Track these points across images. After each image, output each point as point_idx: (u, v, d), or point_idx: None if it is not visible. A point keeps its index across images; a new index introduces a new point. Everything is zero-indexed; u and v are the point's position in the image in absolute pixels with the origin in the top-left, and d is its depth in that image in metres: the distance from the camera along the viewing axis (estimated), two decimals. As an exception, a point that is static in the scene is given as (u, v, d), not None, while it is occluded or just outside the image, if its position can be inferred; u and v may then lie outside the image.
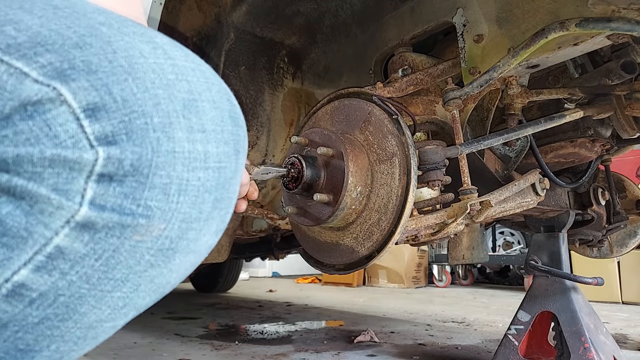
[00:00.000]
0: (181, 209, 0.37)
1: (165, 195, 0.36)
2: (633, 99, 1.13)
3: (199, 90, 0.39)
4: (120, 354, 1.69)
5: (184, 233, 0.38)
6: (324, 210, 0.85)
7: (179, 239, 0.38)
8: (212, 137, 0.39)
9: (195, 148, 0.37)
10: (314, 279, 5.35)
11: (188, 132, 0.37)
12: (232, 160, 0.41)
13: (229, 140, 0.41)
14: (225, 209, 0.42)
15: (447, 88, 0.96)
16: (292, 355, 1.64)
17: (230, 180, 0.41)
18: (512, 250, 4.18)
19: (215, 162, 0.39)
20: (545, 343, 1.30)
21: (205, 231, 0.40)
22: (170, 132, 0.36)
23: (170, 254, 0.38)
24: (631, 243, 1.67)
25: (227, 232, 1.64)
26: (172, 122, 0.36)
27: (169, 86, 0.37)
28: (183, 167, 0.36)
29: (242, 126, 0.44)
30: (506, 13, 0.92)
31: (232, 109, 0.42)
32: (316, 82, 1.53)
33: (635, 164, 3.29)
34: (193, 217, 0.38)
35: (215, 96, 0.40)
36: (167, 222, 0.36)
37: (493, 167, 1.17)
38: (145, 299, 0.40)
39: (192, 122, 0.37)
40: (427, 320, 2.44)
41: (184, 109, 0.37)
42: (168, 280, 0.40)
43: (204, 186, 0.38)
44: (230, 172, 0.41)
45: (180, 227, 0.38)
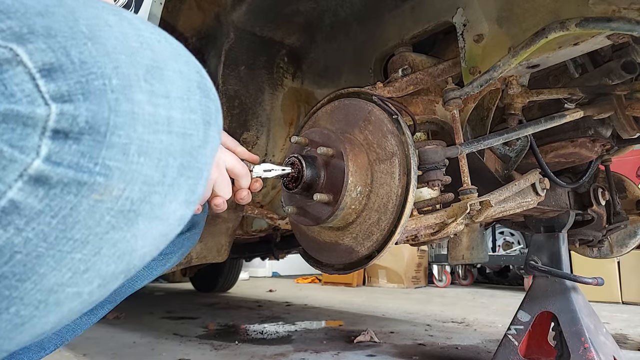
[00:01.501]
0: (142, 170, 0.37)
1: (125, 155, 0.36)
2: (633, 98, 1.12)
3: (164, 59, 0.40)
4: (119, 353, 1.69)
5: (147, 196, 0.38)
6: (323, 210, 0.85)
7: (140, 202, 0.38)
8: (177, 103, 0.39)
9: (157, 112, 0.38)
10: (313, 279, 5.35)
11: (149, 95, 0.37)
12: (200, 130, 0.42)
13: (197, 109, 0.41)
14: (194, 178, 0.42)
15: (447, 88, 0.96)
16: (291, 355, 1.63)
17: (199, 149, 0.42)
18: (512, 250, 4.18)
19: (180, 128, 0.40)
20: (545, 343, 1.30)
21: (172, 198, 0.40)
22: (130, 94, 0.36)
23: (133, 217, 0.38)
24: (631, 243, 1.67)
25: (227, 232, 1.63)
26: (132, 84, 0.36)
27: (132, 53, 0.37)
28: (144, 129, 0.37)
29: (213, 99, 0.44)
30: (506, 12, 0.92)
31: (201, 81, 0.43)
32: (316, 82, 1.53)
33: (635, 164, 3.29)
34: (156, 180, 0.38)
35: (182, 67, 0.41)
36: (127, 183, 0.37)
37: (493, 167, 1.17)
38: (109, 265, 0.39)
39: (155, 87, 0.38)
40: (426, 320, 2.43)
41: (147, 73, 0.38)
42: (133, 247, 0.40)
43: (167, 150, 0.39)
44: (197, 141, 0.41)
45: (142, 189, 0.38)
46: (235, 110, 1.42)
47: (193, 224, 0.85)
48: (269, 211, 1.73)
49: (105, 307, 0.85)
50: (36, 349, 0.77)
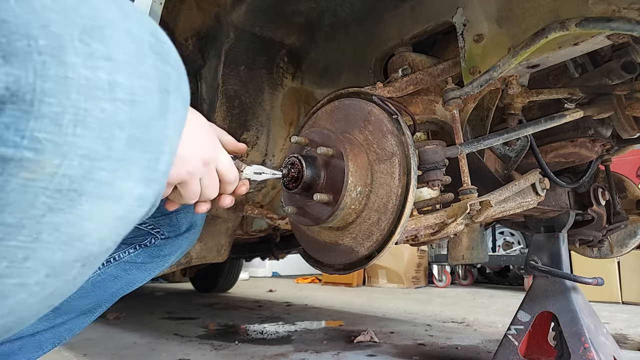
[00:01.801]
0: (80, 143, 0.33)
1: (57, 126, 0.32)
2: (633, 98, 1.12)
3: (108, 18, 0.35)
4: (119, 353, 1.68)
5: (89, 172, 0.34)
6: (323, 210, 0.85)
7: (82, 179, 0.34)
8: (123, 67, 0.35)
9: (96, 76, 0.33)
10: (313, 279, 5.35)
11: (86, 58, 0.33)
12: (154, 97, 0.37)
13: (150, 75, 0.37)
14: (151, 152, 0.38)
15: (447, 88, 0.96)
16: (291, 356, 1.63)
17: (154, 120, 0.37)
18: (512, 250, 4.18)
19: (127, 95, 0.35)
20: (545, 343, 1.30)
21: (123, 174, 0.36)
22: (61, 56, 0.32)
23: (74, 197, 0.34)
24: (631, 243, 1.67)
25: (227, 232, 1.63)
26: (64, 45, 0.32)
27: (67, 10, 0.33)
28: (79, 95, 0.32)
29: (174, 65, 0.40)
30: (506, 12, 0.92)
31: (156, 44, 0.38)
32: (316, 82, 1.53)
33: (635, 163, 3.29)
34: (99, 154, 0.34)
35: (131, 27, 0.37)
36: (63, 158, 0.32)
37: (493, 167, 1.17)
38: (55, 252, 0.35)
39: (93, 49, 0.33)
40: (426, 321, 2.43)
41: (83, 33, 0.33)
42: (82, 232, 0.35)
43: (111, 119, 0.34)
44: (151, 110, 0.37)
45: (82, 164, 0.33)
46: (235, 110, 1.42)
47: (191, 223, 0.85)
48: (269, 211, 1.73)
49: (103, 306, 0.84)
50: (34, 348, 0.77)
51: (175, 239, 0.83)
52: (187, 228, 0.84)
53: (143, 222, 0.80)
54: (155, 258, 0.83)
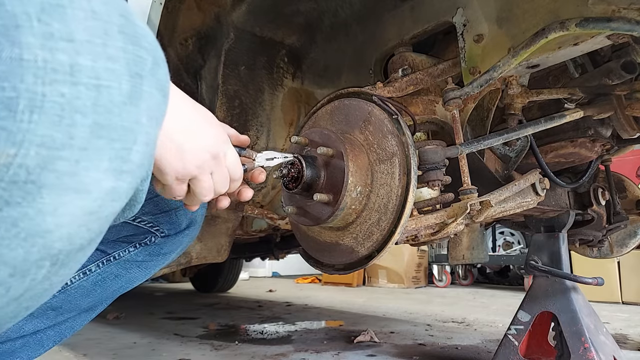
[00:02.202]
0: (37, 131, 0.30)
1: (11, 112, 0.29)
2: (633, 98, 1.12)
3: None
4: (119, 353, 1.69)
5: (48, 162, 0.31)
6: (323, 210, 0.85)
7: (40, 170, 0.31)
8: (86, 48, 0.32)
9: (54, 58, 0.31)
10: (313, 279, 5.35)
11: (44, 38, 0.30)
12: (123, 82, 0.34)
13: (118, 57, 0.34)
14: (121, 141, 0.35)
15: (447, 88, 0.96)
16: (291, 356, 1.63)
17: (123, 106, 0.34)
18: (512, 250, 4.18)
19: (91, 78, 0.32)
20: (545, 343, 1.30)
21: (88, 165, 0.33)
22: (16, 36, 0.29)
23: (33, 189, 0.31)
24: (631, 243, 1.67)
25: (227, 232, 1.63)
26: (19, 24, 0.30)
27: None
28: (36, 79, 0.30)
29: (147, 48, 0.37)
30: (506, 13, 0.92)
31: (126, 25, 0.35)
32: (316, 82, 1.53)
33: (635, 164, 3.29)
34: (59, 143, 0.31)
35: (97, 6, 0.34)
36: (18, 147, 0.30)
37: (493, 167, 1.17)
38: (14, 249, 0.32)
39: (52, 29, 0.31)
40: (427, 321, 2.43)
41: (41, 12, 0.31)
42: (43, 227, 0.33)
43: (72, 105, 0.32)
44: (119, 95, 0.34)
45: (40, 153, 0.31)
46: (235, 110, 1.42)
47: (191, 220, 0.85)
48: (269, 211, 1.73)
49: (103, 304, 0.84)
50: (35, 346, 0.78)
51: (175, 236, 0.83)
52: (187, 225, 0.84)
53: (142, 220, 0.80)
54: (156, 256, 0.83)
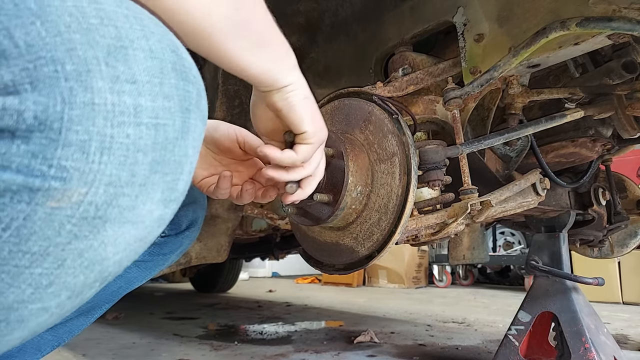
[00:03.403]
0: (106, 171, 0.32)
1: (84, 154, 0.31)
2: (634, 98, 1.12)
3: (131, 37, 0.34)
4: (119, 354, 1.68)
5: (114, 199, 0.34)
6: (323, 210, 0.85)
7: (107, 206, 0.33)
8: (147, 89, 0.34)
9: (121, 100, 0.33)
10: (313, 279, 5.35)
11: (112, 82, 0.32)
12: (177, 118, 0.36)
13: (172, 94, 0.36)
14: (172, 174, 0.37)
15: (447, 87, 0.96)
16: (291, 356, 1.63)
17: (175, 142, 0.37)
18: (512, 250, 4.18)
19: (151, 118, 0.34)
20: (545, 343, 1.30)
21: (145, 198, 0.36)
22: (88, 81, 0.31)
23: (99, 224, 0.34)
24: (632, 243, 1.67)
25: (226, 232, 1.63)
26: (90, 69, 0.31)
27: (90, 31, 0.32)
28: (105, 122, 0.32)
29: (193, 82, 0.38)
30: (507, 12, 0.92)
31: (177, 61, 0.37)
32: (316, 82, 1.53)
33: (635, 163, 3.28)
34: (123, 181, 0.34)
35: (153, 45, 0.35)
36: (89, 186, 0.32)
37: (494, 167, 1.17)
38: (77, 276, 0.35)
39: (118, 71, 0.33)
40: (427, 321, 2.43)
41: (108, 56, 0.32)
42: (103, 256, 0.36)
43: (136, 145, 0.34)
44: (173, 132, 0.36)
45: (107, 191, 0.33)
46: (235, 110, 1.42)
47: (192, 221, 0.84)
48: (269, 211, 1.72)
49: (103, 307, 0.83)
50: (32, 350, 0.76)
51: (176, 237, 0.82)
52: (187, 226, 0.83)
53: None
54: (156, 256, 0.82)
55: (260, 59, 0.51)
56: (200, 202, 0.85)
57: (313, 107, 0.58)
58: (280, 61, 0.55)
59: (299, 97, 0.56)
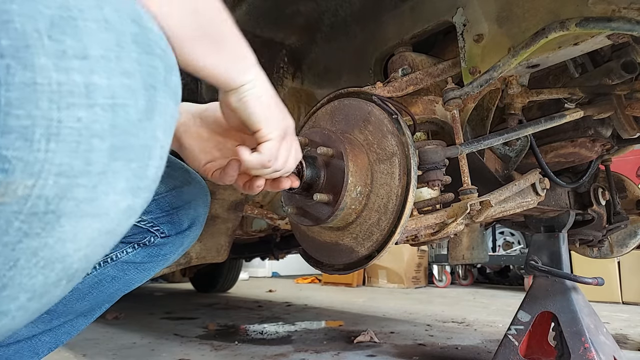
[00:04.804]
0: (55, 160, 0.29)
1: (27, 142, 0.28)
2: (633, 98, 1.12)
3: (80, 6, 0.30)
4: (119, 354, 1.68)
5: (67, 191, 0.30)
6: (323, 210, 0.85)
7: (59, 199, 0.30)
8: (101, 65, 0.30)
9: (69, 79, 0.29)
10: (313, 279, 5.35)
11: (57, 58, 0.28)
12: (140, 97, 0.32)
13: (133, 71, 0.32)
14: (137, 160, 0.34)
15: (447, 88, 0.96)
16: (291, 356, 1.63)
17: (139, 124, 0.33)
18: (512, 250, 4.18)
19: (107, 98, 0.30)
20: (545, 343, 1.30)
21: (106, 188, 0.32)
22: (28, 58, 0.27)
23: (52, 219, 0.30)
24: (631, 243, 1.67)
25: (226, 232, 1.63)
26: (29, 44, 0.27)
27: (31, 1, 0.28)
28: (51, 104, 0.28)
29: (160, 56, 0.34)
30: (506, 12, 0.92)
31: (140, 33, 0.33)
32: (316, 82, 1.53)
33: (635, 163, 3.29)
34: (77, 170, 0.30)
35: (108, 14, 0.31)
36: (36, 178, 0.29)
37: (493, 167, 1.17)
38: (35, 277, 0.32)
39: (65, 46, 0.29)
40: (427, 321, 2.43)
41: (52, 28, 0.28)
42: (63, 253, 0.32)
43: (90, 129, 0.30)
44: (136, 113, 0.32)
45: (58, 183, 0.29)
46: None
47: (193, 221, 0.82)
48: (269, 211, 1.73)
49: (102, 307, 0.82)
50: (29, 353, 0.74)
51: (176, 237, 0.80)
52: (188, 225, 0.81)
53: (141, 220, 0.76)
54: (155, 257, 0.79)
55: (214, 61, 0.50)
56: (202, 199, 0.83)
57: (268, 104, 0.58)
58: (234, 62, 0.54)
59: (253, 96, 0.56)
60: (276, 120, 0.59)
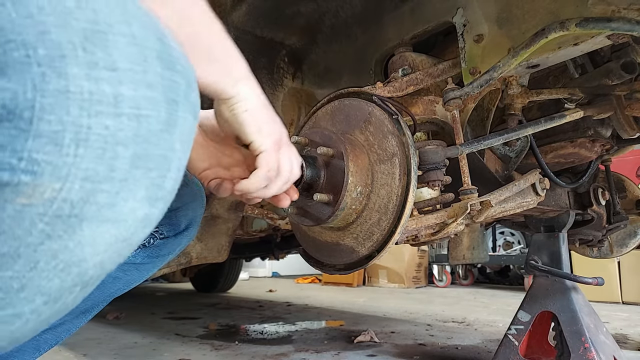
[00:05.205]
0: (82, 165, 0.30)
1: (57, 147, 0.29)
2: (633, 99, 1.13)
3: (111, 21, 0.31)
4: (120, 353, 1.69)
5: (90, 195, 0.31)
6: (324, 210, 0.85)
7: (83, 203, 0.31)
8: (128, 77, 0.32)
9: (99, 88, 0.30)
10: (313, 279, 5.35)
11: (89, 68, 0.30)
12: (161, 109, 0.34)
13: (156, 84, 0.33)
14: (157, 170, 0.35)
15: (447, 88, 0.96)
16: (292, 355, 1.64)
17: (160, 134, 0.34)
18: (512, 250, 4.18)
19: (132, 108, 0.32)
20: (545, 343, 1.30)
21: (126, 195, 0.33)
22: (62, 67, 0.29)
23: (75, 223, 0.31)
24: (631, 243, 1.67)
25: (227, 232, 1.64)
26: (65, 55, 0.29)
27: (65, 13, 0.29)
28: (81, 111, 0.29)
29: (181, 72, 0.36)
30: (506, 13, 0.92)
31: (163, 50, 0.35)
32: (316, 82, 1.53)
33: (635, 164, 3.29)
34: (101, 176, 0.31)
35: (137, 31, 0.33)
36: (63, 181, 0.29)
37: (493, 167, 1.17)
38: (52, 280, 0.33)
39: (96, 57, 0.30)
40: (427, 320, 2.44)
41: (85, 40, 0.30)
42: (81, 257, 0.33)
43: (115, 137, 0.31)
44: (157, 123, 0.34)
45: (84, 187, 0.30)
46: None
47: (190, 221, 0.84)
48: (269, 211, 1.73)
49: (101, 305, 0.83)
50: (31, 350, 0.76)
51: (174, 238, 0.82)
52: (186, 226, 0.83)
53: None
54: (154, 258, 0.82)
55: (204, 72, 0.51)
56: (199, 200, 0.84)
57: (260, 115, 0.58)
58: (224, 74, 0.54)
59: (241, 109, 0.56)
60: (268, 130, 0.60)
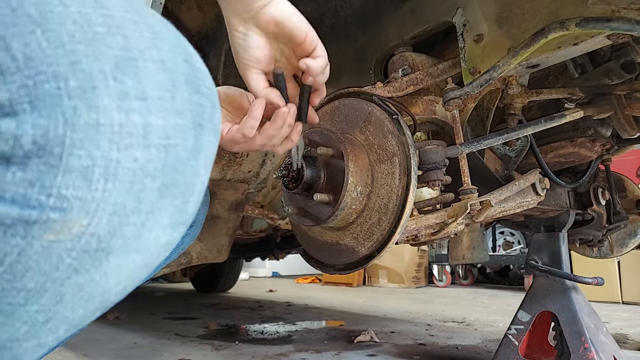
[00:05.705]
0: (110, 199, 0.29)
1: (87, 182, 0.28)
2: (633, 98, 1.13)
3: (141, 47, 0.30)
4: (120, 354, 1.69)
5: (118, 229, 0.30)
6: (324, 210, 0.85)
7: (110, 237, 0.30)
8: (158, 106, 0.30)
9: (129, 120, 0.29)
10: (314, 279, 5.35)
11: (119, 99, 0.29)
12: (189, 137, 0.33)
13: (184, 110, 0.32)
14: (181, 197, 0.34)
15: (447, 88, 0.96)
16: (292, 355, 1.64)
17: (187, 162, 0.33)
18: (512, 250, 4.18)
19: (161, 139, 0.31)
20: (545, 343, 1.30)
21: (151, 225, 0.33)
22: (93, 99, 0.28)
23: (101, 256, 0.31)
24: (631, 243, 1.67)
25: (227, 232, 1.64)
26: (96, 86, 0.28)
27: (96, 41, 0.28)
28: (111, 145, 0.28)
29: (207, 95, 0.35)
30: (506, 13, 0.92)
31: (191, 73, 0.34)
32: (316, 82, 1.53)
33: (635, 163, 3.29)
34: (129, 209, 0.30)
35: (165, 55, 0.32)
36: (92, 217, 0.29)
37: (493, 167, 1.17)
38: (76, 311, 0.32)
39: (127, 87, 0.29)
40: (427, 320, 2.44)
41: (116, 69, 0.29)
42: (105, 287, 0.33)
43: (144, 169, 0.30)
44: (185, 152, 0.33)
45: (111, 221, 0.30)
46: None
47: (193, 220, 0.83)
48: (269, 211, 1.73)
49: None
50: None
51: None
52: (189, 225, 0.83)
53: None
54: None
55: None
56: (203, 199, 0.84)
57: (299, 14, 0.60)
58: None
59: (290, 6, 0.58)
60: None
